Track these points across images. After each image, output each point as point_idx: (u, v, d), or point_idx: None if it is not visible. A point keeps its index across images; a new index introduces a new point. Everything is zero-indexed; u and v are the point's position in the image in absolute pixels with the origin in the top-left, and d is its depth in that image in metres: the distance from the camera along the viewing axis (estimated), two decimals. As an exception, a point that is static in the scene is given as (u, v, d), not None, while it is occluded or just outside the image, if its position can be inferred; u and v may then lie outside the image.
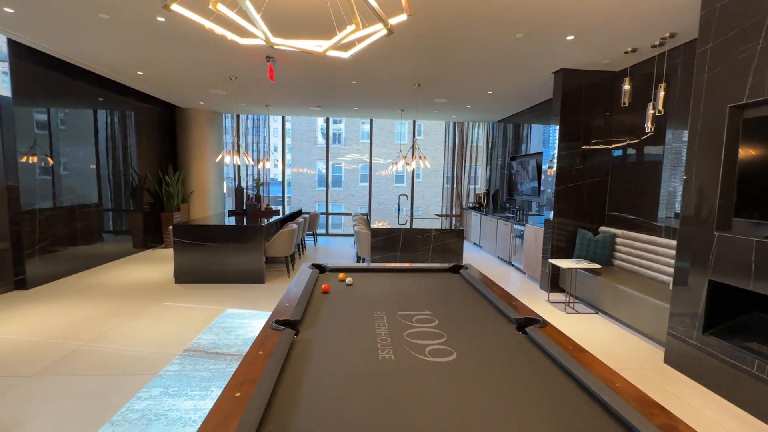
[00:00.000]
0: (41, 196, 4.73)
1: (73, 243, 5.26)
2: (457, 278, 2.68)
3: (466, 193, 9.42)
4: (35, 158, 4.69)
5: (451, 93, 5.99)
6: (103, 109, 5.94)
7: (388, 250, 5.04)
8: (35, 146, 4.71)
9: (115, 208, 6.30)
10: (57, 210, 4.98)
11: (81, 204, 5.43)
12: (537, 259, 5.26)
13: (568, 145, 4.71)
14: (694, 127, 2.83)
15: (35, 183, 4.63)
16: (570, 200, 4.78)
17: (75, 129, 5.34)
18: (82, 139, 5.50)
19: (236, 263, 4.93)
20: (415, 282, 2.53)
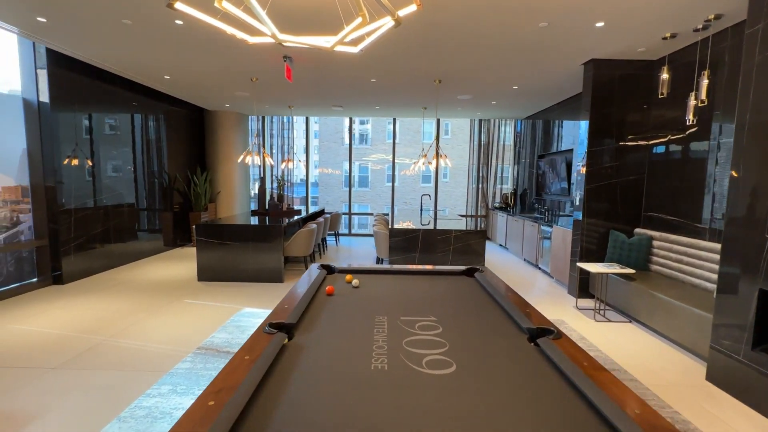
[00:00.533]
0: (77, 196, 4.99)
1: (107, 241, 5.52)
2: (470, 282, 2.53)
3: (492, 193, 9.12)
4: (77, 161, 4.98)
5: (474, 89, 5.79)
6: (138, 113, 6.23)
7: (407, 251, 4.92)
8: (77, 149, 5.03)
9: (148, 208, 6.57)
10: (92, 209, 5.24)
11: (115, 204, 5.69)
12: (565, 262, 4.96)
13: (599, 142, 4.40)
14: (743, 118, 2.52)
15: (72, 184, 4.89)
16: (601, 200, 4.46)
17: (111, 132, 5.61)
18: (118, 142, 5.77)
19: (256, 262, 4.99)
20: (426, 285, 2.41)
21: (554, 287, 5.05)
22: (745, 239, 2.46)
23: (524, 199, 8.30)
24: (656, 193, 4.23)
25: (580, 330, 3.57)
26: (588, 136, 4.40)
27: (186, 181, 7.58)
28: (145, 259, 6.32)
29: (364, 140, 26.28)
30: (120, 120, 5.86)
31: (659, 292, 3.42)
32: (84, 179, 5.12)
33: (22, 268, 4.58)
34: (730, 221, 2.59)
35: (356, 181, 26.51)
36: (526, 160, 8.24)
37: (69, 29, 3.74)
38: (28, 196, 4.60)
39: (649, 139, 4.34)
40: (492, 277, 2.54)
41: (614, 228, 4.49)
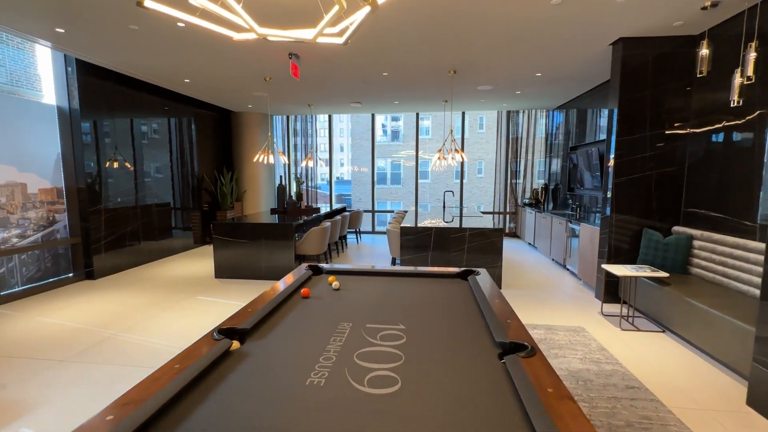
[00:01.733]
0: (108, 196, 5.30)
1: (137, 238, 5.83)
2: (462, 287, 2.33)
3: (522, 189, 8.64)
4: (109, 163, 5.35)
5: (493, 78, 5.46)
6: (169, 118, 6.59)
7: (420, 250, 4.73)
8: (117, 152, 5.47)
9: (180, 207, 6.90)
10: (123, 209, 5.55)
11: (146, 204, 5.99)
12: (593, 263, 4.54)
13: (629, 130, 3.96)
14: (793, 95, 2.10)
15: (103, 185, 5.21)
16: (633, 195, 4.02)
17: (141, 136, 5.92)
18: (149, 145, 6.09)
19: (269, 260, 5.04)
20: (412, 289, 2.24)
21: (580, 290, 4.65)
22: (795, 240, 2.06)
23: (556, 195, 7.78)
24: (698, 186, 3.73)
25: (602, 339, 3.22)
26: (617, 124, 3.97)
27: (213, 180, 7.86)
28: (176, 255, 6.62)
29: (396, 137, 26.16)
30: (151, 124, 6.19)
31: (696, 299, 3.00)
32: (116, 181, 5.44)
33: (59, 264, 4.93)
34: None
35: (389, 177, 26.46)
36: (558, 153, 7.71)
37: (84, 37, 3.93)
38: (63, 197, 4.94)
39: (691, 126, 3.83)
40: (486, 281, 2.32)
41: (648, 226, 4.03)
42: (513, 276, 5.28)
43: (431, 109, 7.89)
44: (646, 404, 2.27)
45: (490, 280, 2.34)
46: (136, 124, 5.89)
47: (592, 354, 2.93)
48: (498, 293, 2.08)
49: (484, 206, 15.51)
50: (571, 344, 3.10)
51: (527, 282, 4.98)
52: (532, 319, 3.69)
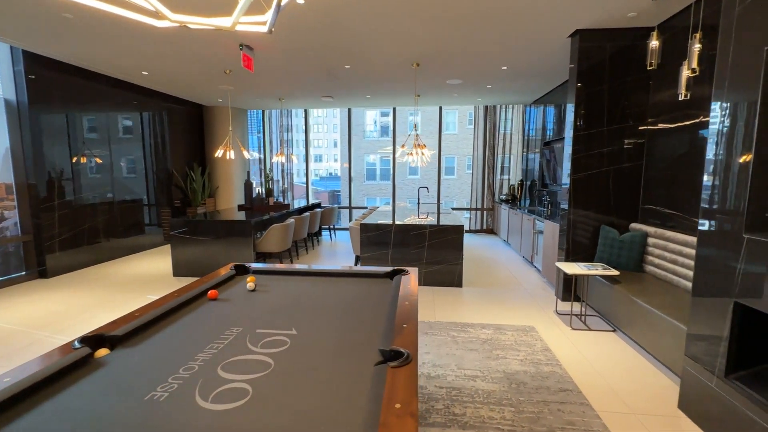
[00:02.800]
0: (64, 192, 5.14)
1: (96, 236, 5.68)
2: (386, 287, 2.24)
3: (499, 184, 8.57)
4: (84, 158, 5.38)
5: (459, 72, 5.34)
6: (140, 112, 6.51)
7: (380, 247, 4.64)
8: (83, 146, 5.41)
9: (150, 204, 6.76)
10: (80, 206, 5.39)
11: (104, 200, 5.83)
12: (554, 260, 4.47)
13: (587, 124, 3.88)
14: (721, 84, 2.02)
15: (59, 181, 5.04)
16: (591, 191, 3.94)
17: (103, 130, 5.75)
18: (120, 140, 5.92)
19: (228, 258, 4.92)
20: (332, 291, 2.14)
21: (542, 288, 4.58)
22: (718, 238, 1.98)
23: (533, 192, 7.71)
24: (655, 183, 3.66)
25: (549, 340, 3.15)
26: (574, 119, 3.89)
27: (184, 176, 7.70)
28: (143, 253, 6.47)
29: (386, 132, 26.02)
30: (120, 118, 6.08)
31: (641, 297, 2.94)
32: (80, 177, 5.27)
33: (9, 263, 4.78)
34: (704, 213, 2.10)
35: (378, 173, 26.34)
36: (535, 148, 7.63)
37: (19, 26, 3.76)
38: (13, 193, 4.78)
39: (649, 122, 3.76)
40: (409, 282, 2.23)
41: (607, 223, 3.96)
42: (478, 273, 5.21)
43: (405, 104, 7.77)
44: (574, 408, 2.20)
45: (414, 281, 2.25)
46: (102, 118, 5.73)
47: (535, 355, 2.86)
48: (409, 294, 1.98)
49: (468, 202, 15.24)
50: (515, 345, 3.03)
51: (490, 279, 4.91)
52: (484, 318, 3.61)
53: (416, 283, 2.23)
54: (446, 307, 3.91)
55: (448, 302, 4.04)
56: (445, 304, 4.00)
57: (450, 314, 3.70)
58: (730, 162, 1.95)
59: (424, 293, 4.32)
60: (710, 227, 2.06)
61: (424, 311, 3.78)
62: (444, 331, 3.27)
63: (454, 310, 3.82)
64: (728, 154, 1.97)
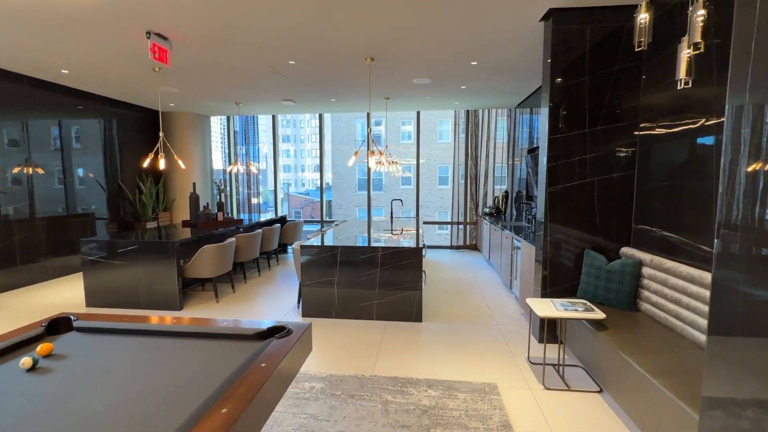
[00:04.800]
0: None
1: (12, 257, 4.95)
2: (242, 356, 1.48)
3: (482, 195, 7.83)
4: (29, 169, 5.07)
5: (425, 69, 4.66)
6: (89, 119, 6.04)
7: (324, 272, 3.88)
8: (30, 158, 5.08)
9: (90, 218, 6.07)
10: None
11: (27, 216, 5.12)
12: (530, 285, 3.71)
13: (564, 126, 3.15)
14: (740, 69, 1.29)
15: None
16: (572, 206, 3.20)
17: (40, 139, 5.13)
18: (55, 149, 5.32)
19: (148, 285, 4.16)
20: (156, 363, 1.37)
21: (519, 322, 3.81)
22: (739, 276, 1.23)
23: (519, 204, 6.97)
24: (651, 198, 2.92)
25: (512, 406, 2.37)
26: (549, 119, 3.17)
27: (134, 188, 7.00)
28: (73, 275, 5.72)
29: (378, 142, 25.47)
30: (64, 125, 5.66)
31: (634, 354, 2.17)
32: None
33: None
34: (723, 240, 1.35)
35: (371, 183, 25.66)
36: (521, 156, 6.91)
37: None
38: None
39: (641, 121, 3.03)
40: (284, 347, 1.48)
41: (594, 246, 3.21)
42: (445, 302, 4.43)
43: (374, 108, 7.10)
44: None
45: (294, 343, 1.50)
46: (35, 125, 5.14)
47: (487, 436, 2.08)
48: (263, 370, 1.23)
49: (452, 215, 14.55)
50: (466, 416, 2.25)
51: (458, 311, 4.14)
52: (436, 369, 2.84)
53: (305, 347, 1.50)
54: (391, 353, 3.13)
55: (397, 346, 3.27)
56: (391, 348, 3.22)
57: (393, 364, 2.93)
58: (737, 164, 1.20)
59: (369, 332, 3.55)
60: (726, 266, 1.30)
61: (362, 360, 3.01)
62: (377, 393, 2.50)
63: (400, 357, 3.05)
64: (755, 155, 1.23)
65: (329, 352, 3.15)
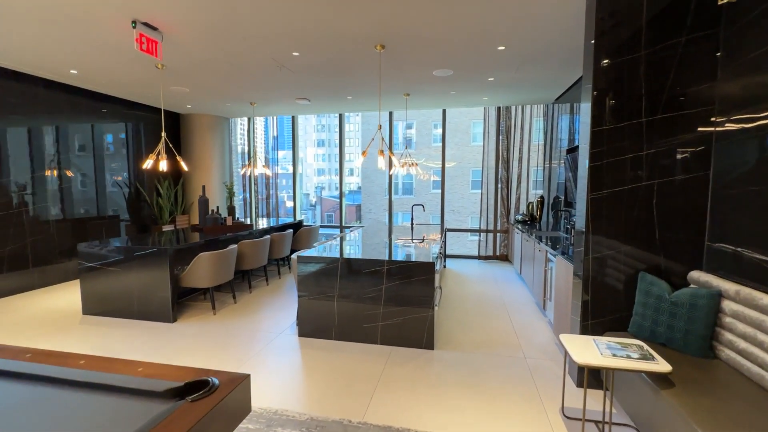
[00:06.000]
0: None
1: (23, 259, 4.92)
2: (131, 425, 1.03)
3: (515, 200, 7.09)
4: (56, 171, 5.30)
5: (445, 58, 4.10)
6: (114, 122, 6.17)
7: (322, 288, 3.43)
8: (54, 160, 5.27)
9: (107, 220, 6.09)
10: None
11: (38, 219, 5.10)
12: (568, 314, 3.04)
13: (613, 116, 2.50)
14: None
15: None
16: (621, 216, 2.53)
17: (67, 142, 5.23)
18: (87, 153, 5.61)
19: (142, 294, 3.91)
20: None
21: (550, 357, 3.14)
22: None
23: (557, 210, 6.19)
24: (733, 206, 2.21)
25: (538, 486, 1.77)
26: (592, 108, 2.52)
27: (153, 191, 6.96)
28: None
29: (409, 144, 25.00)
30: (87, 128, 5.76)
31: (715, 430, 1.51)
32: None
33: None
34: None
35: (400, 187, 25.29)
36: (560, 158, 6.14)
37: None
38: None
39: (721, 108, 2.32)
40: (196, 410, 1.02)
41: (649, 267, 2.51)
42: (463, 325, 3.83)
43: (394, 106, 6.60)
44: None
45: (207, 411, 1.03)
46: (61, 129, 5.38)
47: None
48: None
49: (481, 222, 13.88)
50: (472, 499, 1.68)
51: (477, 337, 3.53)
52: (440, 420, 2.27)
53: (233, 413, 1.03)
54: (391, 390, 2.60)
55: (399, 380, 2.73)
56: (392, 383, 2.69)
57: (390, 407, 2.40)
58: None
59: (370, 360, 3.03)
60: None
61: (354, 399, 2.50)
62: (361, 450, 1.98)
63: (400, 397, 2.51)
64: None
65: (318, 383, 2.67)
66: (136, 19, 3.14)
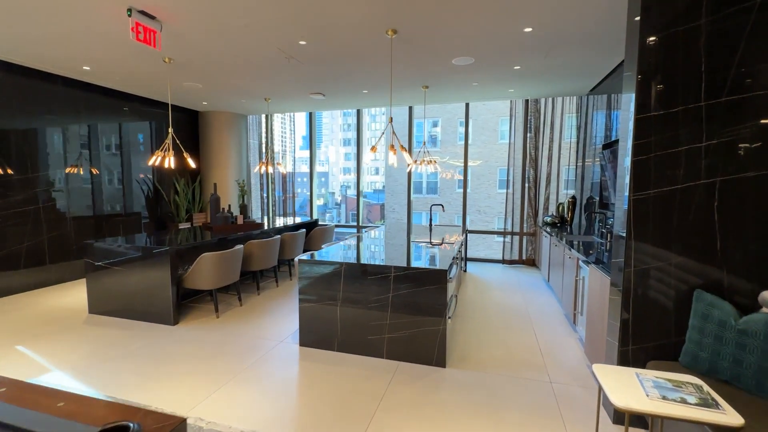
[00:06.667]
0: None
1: (40, 255, 4.97)
2: None
3: (544, 200, 6.57)
4: (82, 169, 5.43)
5: (465, 44, 3.73)
6: (136, 121, 6.24)
7: (324, 295, 3.15)
8: (81, 158, 5.41)
9: (128, 218, 6.16)
10: (14, 223, 4.72)
11: (55, 215, 5.15)
12: (601, 336, 2.60)
13: (663, 99, 2.06)
14: None
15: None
16: (671, 221, 2.09)
17: (92, 140, 5.38)
18: (97, 151, 5.67)
19: (144, 295, 3.79)
20: None
21: (582, 382, 2.71)
22: None
23: (590, 212, 5.64)
24: (823, 210, 1.73)
25: None
26: (636, 92, 2.09)
27: (171, 189, 6.97)
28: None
29: (434, 143, 24.51)
30: (109, 128, 5.85)
31: None
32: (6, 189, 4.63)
33: None
34: None
35: (424, 186, 24.84)
36: (594, 155, 5.59)
37: None
38: None
39: (804, 84, 1.84)
40: None
41: (706, 284, 2.06)
42: (480, 339, 3.45)
43: (410, 99, 6.24)
44: None
45: None
46: (85, 126, 5.50)
47: None
48: None
49: (504, 223, 13.31)
50: None
51: (496, 354, 3.14)
52: (447, 457, 1.93)
53: None
54: (393, 415, 2.28)
55: (403, 403, 2.41)
56: (394, 406, 2.37)
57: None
58: None
59: (373, 377, 2.72)
60: None
61: (349, 424, 2.20)
62: (348, 494, 1.68)
63: (400, 426, 2.19)
64: None
65: (311, 403, 2.40)
66: (132, 7, 2.98)
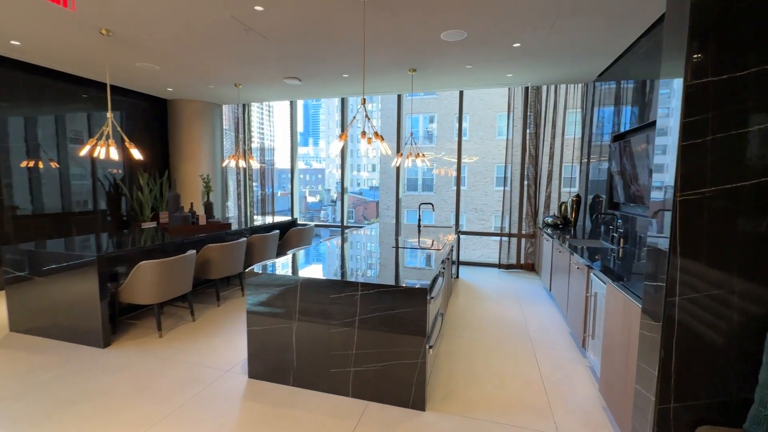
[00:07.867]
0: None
1: None
2: None
3: (545, 199, 5.99)
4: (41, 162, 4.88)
5: (456, 14, 3.11)
6: (87, 110, 5.55)
7: (277, 318, 2.55)
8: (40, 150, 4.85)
9: (77, 217, 5.51)
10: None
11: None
12: (625, 374, 2.01)
13: (720, 61, 1.45)
14: None
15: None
16: (736, 234, 1.49)
17: (44, 131, 4.59)
18: (51, 142, 5.04)
19: (71, 312, 3.17)
20: None
21: (598, 426, 2.13)
22: None
23: (598, 213, 5.05)
24: None
25: None
26: (687, 45, 1.49)
27: (136, 185, 6.32)
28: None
29: (430, 139, 23.90)
30: (65, 116, 5.23)
31: None
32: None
33: None
34: None
35: (419, 184, 24.23)
36: (601, 150, 4.99)
37: None
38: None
39: None
40: None
41: (782, 320, 1.47)
42: (470, 368, 2.85)
43: (401, 88, 5.63)
44: None
45: None
46: (39, 118, 4.86)
47: None
48: None
49: (499, 223, 12.54)
50: None
51: (488, 390, 2.55)
52: None
53: None
54: (348, 493, 1.68)
55: (365, 471, 1.81)
56: (353, 477, 1.77)
57: None
58: None
59: (333, 422, 2.12)
60: None
61: None
62: None
63: None
64: None
65: (242, 472, 1.80)
66: (28, -48, 2.34)
